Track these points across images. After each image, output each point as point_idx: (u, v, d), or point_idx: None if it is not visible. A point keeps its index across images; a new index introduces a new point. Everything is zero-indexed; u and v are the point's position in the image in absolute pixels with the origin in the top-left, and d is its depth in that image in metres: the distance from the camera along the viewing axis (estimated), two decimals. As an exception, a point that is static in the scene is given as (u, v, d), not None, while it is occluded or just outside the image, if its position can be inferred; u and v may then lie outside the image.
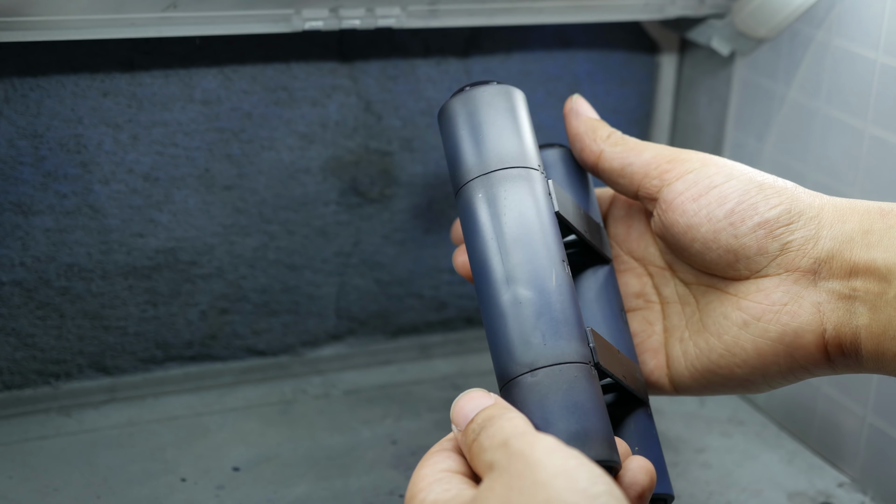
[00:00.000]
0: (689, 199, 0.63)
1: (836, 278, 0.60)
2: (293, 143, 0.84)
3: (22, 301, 0.81)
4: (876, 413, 0.78)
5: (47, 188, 0.79)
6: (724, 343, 0.63)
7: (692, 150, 0.66)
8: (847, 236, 0.60)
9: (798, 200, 0.62)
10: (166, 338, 0.86)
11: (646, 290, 0.70)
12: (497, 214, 0.61)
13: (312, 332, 0.90)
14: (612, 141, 0.68)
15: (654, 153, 0.66)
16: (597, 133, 0.68)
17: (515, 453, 0.51)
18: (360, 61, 0.84)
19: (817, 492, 0.80)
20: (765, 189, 0.62)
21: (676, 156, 0.65)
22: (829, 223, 0.61)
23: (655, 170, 0.65)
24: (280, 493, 0.76)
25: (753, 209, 0.61)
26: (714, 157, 0.64)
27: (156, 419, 0.83)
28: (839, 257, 0.60)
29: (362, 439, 0.82)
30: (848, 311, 0.60)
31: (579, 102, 0.71)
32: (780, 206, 0.61)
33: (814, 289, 0.61)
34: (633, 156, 0.66)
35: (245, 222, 0.85)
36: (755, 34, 0.83)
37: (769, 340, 0.62)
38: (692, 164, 0.64)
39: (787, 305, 0.61)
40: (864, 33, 0.76)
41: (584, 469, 0.50)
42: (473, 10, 0.79)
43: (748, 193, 0.62)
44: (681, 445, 0.84)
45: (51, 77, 0.77)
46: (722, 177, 0.63)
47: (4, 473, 0.76)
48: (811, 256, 0.61)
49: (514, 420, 0.54)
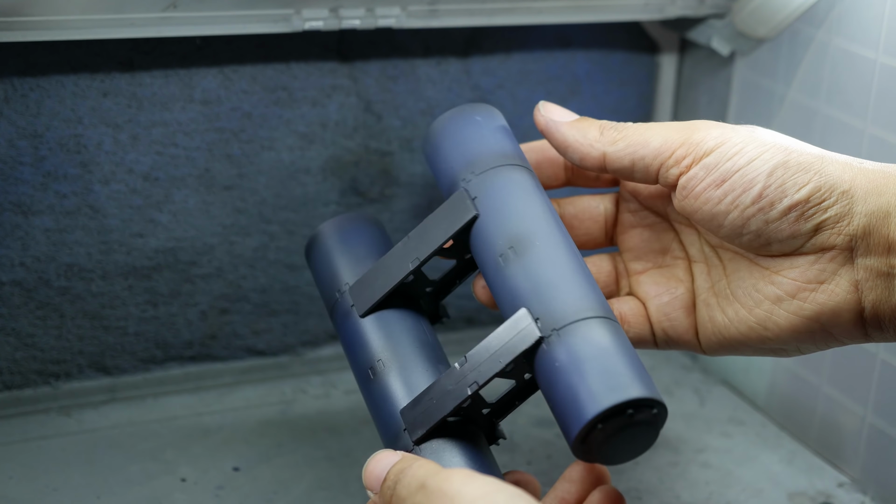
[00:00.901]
0: (711, 185, 0.59)
1: (875, 255, 0.57)
2: (293, 143, 0.84)
3: (22, 301, 0.81)
4: (876, 413, 0.78)
5: (47, 188, 0.78)
6: (755, 316, 0.61)
7: (703, 125, 0.61)
8: (883, 211, 0.57)
9: (827, 175, 0.58)
10: (166, 338, 0.86)
11: (671, 246, 0.67)
12: None
13: (312, 332, 0.90)
14: (610, 139, 0.63)
15: (662, 139, 0.61)
16: (588, 135, 0.64)
17: (434, 491, 0.52)
18: (360, 61, 0.84)
19: (817, 492, 0.80)
20: (790, 167, 0.58)
21: (688, 137, 0.61)
22: (862, 197, 0.57)
23: (670, 158, 0.61)
24: (280, 493, 0.76)
25: (782, 192, 0.58)
26: (729, 132, 0.60)
27: (156, 419, 0.83)
28: (876, 233, 0.57)
29: (362, 439, 0.82)
30: (887, 289, 0.57)
31: (550, 110, 0.66)
32: (809, 184, 0.58)
33: (851, 266, 0.58)
34: (641, 148, 0.62)
35: (245, 222, 0.85)
36: (755, 34, 0.83)
37: (805, 318, 0.59)
38: (708, 143, 0.60)
39: (824, 284, 0.58)
40: (864, 33, 0.76)
41: (502, 493, 0.51)
42: (473, 10, 0.79)
43: (774, 175, 0.58)
44: (681, 445, 0.84)
45: (51, 77, 0.77)
46: (744, 158, 0.59)
47: (4, 473, 0.76)
48: (846, 234, 0.57)
49: (424, 465, 0.55)
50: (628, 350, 0.58)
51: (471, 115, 0.69)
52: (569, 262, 0.62)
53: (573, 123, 0.65)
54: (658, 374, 0.93)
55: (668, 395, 0.90)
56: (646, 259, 0.68)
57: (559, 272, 0.61)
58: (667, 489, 0.79)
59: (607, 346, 0.58)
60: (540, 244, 0.62)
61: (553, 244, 0.62)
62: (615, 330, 0.59)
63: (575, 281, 0.61)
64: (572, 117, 0.65)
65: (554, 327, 0.59)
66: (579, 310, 0.59)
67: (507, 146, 0.67)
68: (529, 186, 0.65)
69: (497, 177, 0.65)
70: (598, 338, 0.58)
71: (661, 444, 0.84)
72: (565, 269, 0.61)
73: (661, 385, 0.91)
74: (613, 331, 0.59)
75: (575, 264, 0.62)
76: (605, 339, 0.58)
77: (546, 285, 0.60)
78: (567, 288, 0.60)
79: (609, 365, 0.57)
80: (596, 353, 0.57)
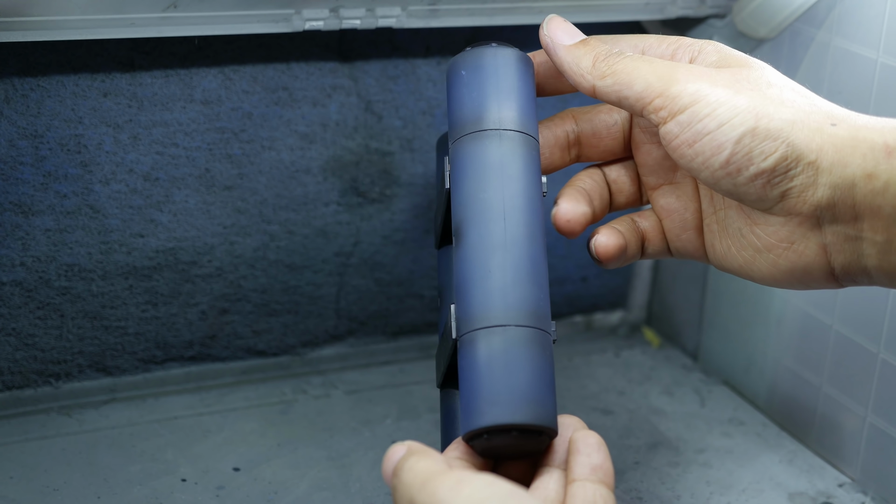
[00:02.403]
0: (684, 143, 0.60)
1: (842, 222, 0.58)
2: (293, 143, 0.84)
3: (22, 301, 0.81)
4: (876, 413, 0.78)
5: (47, 188, 0.79)
6: (742, 258, 0.63)
7: (684, 74, 0.60)
8: (848, 182, 0.57)
9: (795, 145, 0.58)
10: (166, 338, 0.86)
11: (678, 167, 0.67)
12: None
13: (313, 333, 0.90)
14: (600, 73, 0.62)
15: (644, 84, 0.61)
16: (581, 65, 0.63)
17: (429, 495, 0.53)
18: (361, 61, 0.84)
19: (818, 492, 0.80)
20: (758, 135, 0.58)
21: (666, 89, 0.60)
22: (827, 168, 0.57)
23: (649, 105, 0.61)
24: (280, 493, 0.76)
25: (748, 159, 0.58)
26: (706, 88, 0.59)
27: (156, 419, 0.83)
28: (841, 203, 0.57)
29: (362, 439, 0.82)
30: (855, 252, 0.58)
31: (553, 28, 0.65)
32: (776, 153, 0.58)
33: (819, 231, 0.59)
34: (625, 88, 0.61)
35: (245, 222, 0.85)
36: (755, 34, 0.83)
37: (780, 271, 0.61)
38: (683, 99, 0.60)
39: (794, 244, 0.60)
40: (864, 33, 0.76)
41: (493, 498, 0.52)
42: (474, 10, 0.79)
43: (742, 142, 0.58)
44: (681, 446, 0.84)
45: (51, 77, 0.77)
46: (714, 122, 0.59)
47: (4, 473, 0.76)
48: (811, 203, 0.58)
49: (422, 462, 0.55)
50: (530, 366, 0.57)
51: (458, 70, 0.65)
52: (499, 257, 0.59)
53: (571, 49, 0.64)
54: (658, 374, 0.93)
55: (669, 395, 0.90)
56: (658, 175, 0.68)
57: (480, 270, 0.59)
58: (667, 489, 0.79)
59: (505, 361, 0.56)
60: (472, 235, 0.60)
61: (487, 235, 0.59)
62: (525, 341, 0.57)
63: (497, 281, 0.58)
64: (574, 38, 0.65)
65: (463, 331, 0.58)
66: (490, 316, 0.58)
67: (488, 106, 0.63)
68: (491, 161, 0.61)
69: (461, 149, 0.62)
70: (499, 350, 0.57)
71: (661, 444, 0.84)
72: (489, 265, 0.59)
73: (661, 385, 0.91)
74: (523, 342, 0.57)
75: (507, 260, 0.59)
76: (506, 353, 0.57)
77: (464, 283, 0.59)
78: (483, 289, 0.58)
79: (500, 382, 0.56)
80: (490, 367, 0.57)
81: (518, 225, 0.60)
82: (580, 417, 0.86)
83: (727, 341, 0.91)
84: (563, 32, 0.65)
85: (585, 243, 0.67)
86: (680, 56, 0.64)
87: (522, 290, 0.58)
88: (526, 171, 0.61)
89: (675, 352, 0.97)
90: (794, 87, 0.61)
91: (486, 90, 0.63)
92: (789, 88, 0.61)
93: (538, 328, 0.58)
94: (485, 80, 0.63)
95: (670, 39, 0.65)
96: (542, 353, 0.58)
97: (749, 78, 0.60)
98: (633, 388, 0.91)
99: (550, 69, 0.68)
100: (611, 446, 0.83)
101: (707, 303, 0.93)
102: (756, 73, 0.61)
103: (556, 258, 0.95)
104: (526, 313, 0.58)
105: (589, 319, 0.99)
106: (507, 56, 0.64)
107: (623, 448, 0.83)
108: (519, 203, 0.60)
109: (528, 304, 0.58)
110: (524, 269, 0.59)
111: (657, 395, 0.90)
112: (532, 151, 0.62)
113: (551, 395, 0.57)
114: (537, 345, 0.58)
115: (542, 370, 0.57)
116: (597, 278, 0.98)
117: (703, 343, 0.94)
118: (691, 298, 0.95)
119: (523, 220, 0.60)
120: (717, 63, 0.63)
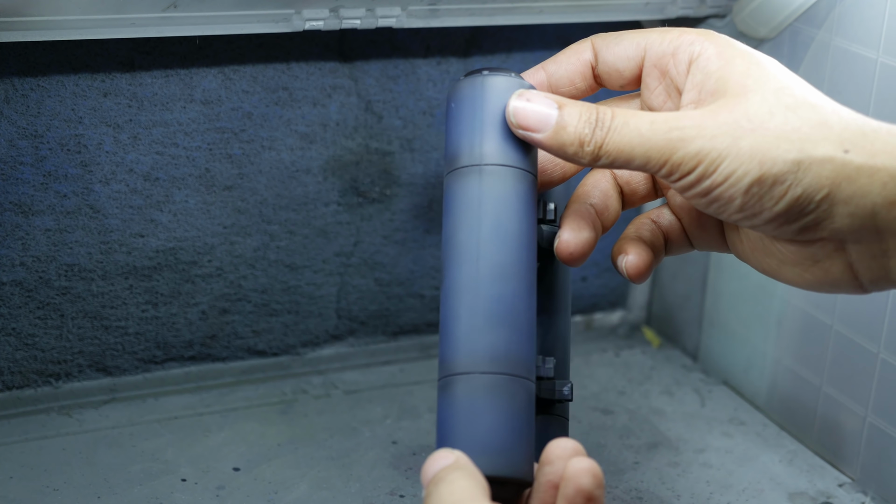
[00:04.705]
0: (696, 195, 0.58)
1: (865, 242, 0.57)
2: (293, 143, 0.84)
3: (22, 301, 0.81)
4: (876, 413, 0.78)
5: (48, 188, 0.79)
6: (767, 265, 0.61)
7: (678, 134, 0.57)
8: (868, 210, 0.55)
9: (804, 185, 0.56)
10: (166, 338, 0.86)
11: None
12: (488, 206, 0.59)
13: (313, 332, 0.90)
14: (592, 154, 0.59)
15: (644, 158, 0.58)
16: (569, 152, 0.59)
17: None
18: (361, 61, 0.84)
19: (818, 492, 0.80)
20: (765, 182, 0.56)
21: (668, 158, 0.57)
22: (843, 200, 0.56)
23: (655, 172, 0.58)
24: (280, 493, 0.76)
25: (760, 206, 0.57)
26: (706, 148, 0.57)
27: (156, 419, 0.83)
28: (863, 229, 0.56)
29: (362, 439, 0.82)
30: (883, 268, 0.57)
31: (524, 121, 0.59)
32: (786, 196, 0.56)
33: (843, 251, 0.58)
34: (624, 163, 0.58)
35: (245, 222, 0.85)
36: (756, 34, 0.83)
37: (807, 282, 0.60)
38: (687, 164, 0.57)
39: (819, 262, 0.58)
40: (864, 33, 0.76)
41: None
42: (474, 10, 0.79)
43: (750, 192, 0.56)
44: (681, 445, 0.84)
45: (51, 77, 0.77)
46: (720, 176, 0.57)
47: (4, 473, 0.76)
48: (830, 230, 0.57)
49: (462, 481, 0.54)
50: (492, 415, 0.56)
51: (449, 102, 0.62)
52: (467, 301, 0.57)
53: (551, 138, 0.59)
54: (658, 374, 0.93)
55: (669, 395, 0.90)
56: None
57: (450, 315, 0.57)
58: (667, 489, 0.79)
59: (466, 410, 0.56)
60: (446, 278, 0.58)
61: (458, 278, 0.58)
62: (489, 389, 0.56)
63: (463, 327, 0.57)
64: (546, 120, 0.59)
65: (439, 376, 0.57)
66: (456, 363, 0.57)
67: (468, 142, 0.60)
68: (468, 200, 0.59)
69: (447, 187, 0.60)
70: (459, 399, 0.56)
71: (661, 444, 0.84)
72: (458, 310, 0.57)
73: (661, 385, 0.91)
74: (486, 390, 0.56)
75: (477, 304, 0.57)
76: (467, 402, 0.56)
77: (441, 328, 0.58)
78: (451, 335, 0.57)
79: (460, 432, 0.56)
80: (451, 416, 0.56)
81: (492, 266, 0.58)
82: (580, 417, 0.86)
83: (727, 341, 0.91)
84: (534, 121, 0.59)
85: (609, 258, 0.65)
86: (680, 57, 0.62)
87: (489, 335, 0.57)
88: (508, 206, 0.59)
89: (675, 352, 0.97)
90: (800, 99, 0.58)
91: (468, 124, 0.60)
92: (794, 108, 0.58)
93: (507, 374, 0.56)
94: (468, 113, 0.60)
95: (672, 35, 0.62)
96: (510, 399, 0.56)
97: (748, 113, 0.57)
98: (633, 388, 0.91)
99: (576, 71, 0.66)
100: (611, 446, 0.83)
101: (707, 303, 0.93)
102: (756, 101, 0.58)
103: (556, 258, 0.95)
104: (491, 360, 0.56)
105: (589, 319, 0.99)
106: (495, 85, 0.60)
107: (623, 448, 0.83)
108: (496, 242, 0.58)
109: (496, 350, 0.57)
110: (494, 312, 0.57)
111: (657, 395, 0.90)
112: (518, 184, 0.59)
113: (518, 444, 0.56)
114: (503, 392, 0.56)
115: (507, 419, 0.56)
116: (597, 278, 0.98)
117: (703, 343, 0.94)
118: (691, 298, 0.95)
119: (499, 261, 0.58)
120: (718, 74, 0.60)
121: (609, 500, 0.78)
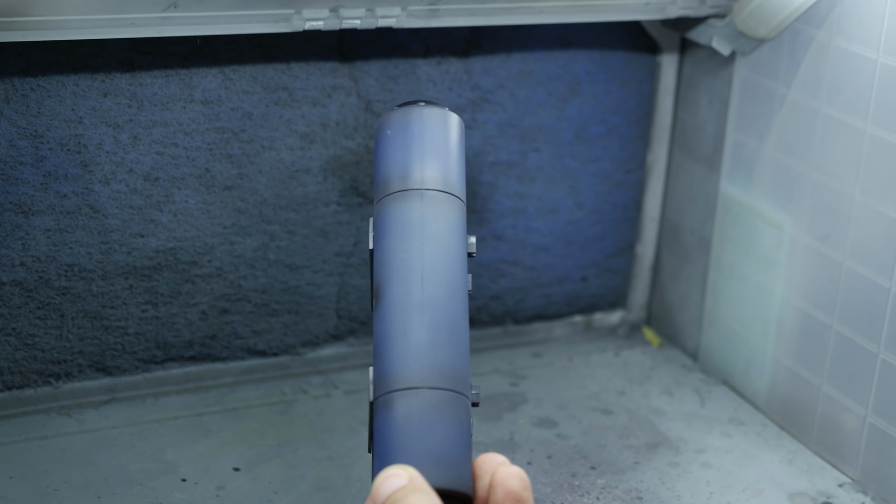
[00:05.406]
0: None
1: None
2: (293, 143, 0.84)
3: (22, 301, 0.81)
4: (876, 413, 0.78)
5: (48, 188, 0.79)
6: None
7: None
8: None
9: None
10: (166, 338, 0.86)
11: None
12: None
13: (313, 332, 0.90)
14: None
15: None
16: None
17: None
18: (361, 61, 0.84)
19: (818, 492, 0.80)
20: None
21: None
22: None
23: None
24: (280, 493, 0.76)
25: None
26: None
27: (156, 419, 0.83)
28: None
29: (362, 439, 0.82)
30: None
31: None
32: None
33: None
34: None
35: (245, 222, 0.85)
36: (756, 34, 0.83)
37: None
38: None
39: None
40: (864, 33, 0.76)
41: None
42: (474, 10, 0.79)
43: None
44: (681, 445, 0.84)
45: (51, 77, 0.77)
46: None
47: (4, 473, 0.76)
48: None
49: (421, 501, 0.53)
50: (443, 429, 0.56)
51: (384, 129, 0.64)
52: (415, 318, 0.58)
53: None
54: (658, 374, 0.93)
55: (669, 395, 0.90)
56: None
57: (395, 331, 0.58)
58: (667, 489, 0.79)
59: (419, 424, 0.56)
60: (390, 295, 0.59)
61: (404, 295, 0.58)
62: (439, 404, 0.56)
63: (412, 342, 0.57)
64: None
65: (379, 393, 0.57)
66: (404, 378, 0.57)
67: (411, 166, 0.62)
68: (412, 221, 0.60)
69: (384, 208, 0.61)
70: (412, 413, 0.56)
71: (661, 444, 0.84)
72: (405, 326, 0.58)
73: (661, 385, 0.91)
74: (436, 405, 0.56)
75: (424, 321, 0.58)
76: (420, 416, 0.56)
77: (380, 345, 0.58)
78: (397, 351, 0.57)
79: (413, 446, 0.55)
80: (403, 429, 0.56)
81: (437, 285, 0.59)
82: (580, 418, 0.86)
83: (727, 341, 0.91)
84: None
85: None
86: None
87: (438, 351, 0.57)
88: (448, 230, 0.60)
89: (675, 352, 0.97)
90: None
91: (410, 150, 0.62)
92: None
93: (454, 391, 0.57)
94: (409, 139, 0.63)
95: None
96: (457, 416, 0.57)
97: None
98: (633, 388, 0.91)
99: None
100: (611, 446, 0.83)
101: (707, 303, 0.93)
102: None
103: (556, 258, 0.95)
104: (440, 375, 0.57)
105: (589, 319, 0.99)
106: (434, 116, 0.63)
107: (623, 448, 0.83)
108: (438, 263, 0.59)
109: (444, 367, 0.57)
110: (441, 330, 0.58)
111: (657, 395, 0.90)
112: (455, 211, 0.61)
113: (467, 458, 0.56)
114: (452, 408, 0.57)
115: (456, 433, 0.56)
116: (597, 278, 0.98)
117: (703, 343, 0.94)
118: (691, 298, 0.95)
119: (442, 281, 0.59)
120: None
121: (609, 500, 0.78)
